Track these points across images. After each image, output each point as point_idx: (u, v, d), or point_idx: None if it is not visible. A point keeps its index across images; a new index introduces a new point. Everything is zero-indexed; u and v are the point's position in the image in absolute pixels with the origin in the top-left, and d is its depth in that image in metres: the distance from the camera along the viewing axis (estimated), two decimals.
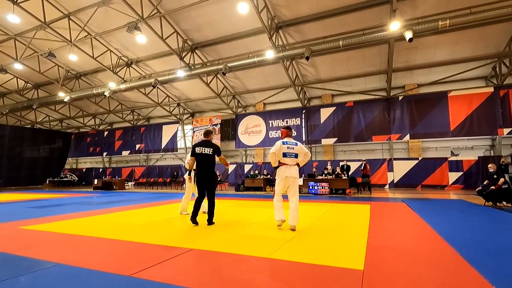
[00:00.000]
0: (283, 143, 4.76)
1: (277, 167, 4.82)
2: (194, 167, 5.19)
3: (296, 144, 4.83)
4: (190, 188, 6.37)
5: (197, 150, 5.04)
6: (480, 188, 7.75)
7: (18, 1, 11.88)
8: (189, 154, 5.35)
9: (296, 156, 4.77)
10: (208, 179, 5.07)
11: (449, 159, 13.56)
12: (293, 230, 4.54)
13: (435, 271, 2.74)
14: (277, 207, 4.80)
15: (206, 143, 5.14)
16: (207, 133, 5.32)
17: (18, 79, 19.33)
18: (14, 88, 20.06)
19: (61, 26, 13.62)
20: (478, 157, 13.15)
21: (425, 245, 3.69)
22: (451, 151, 13.95)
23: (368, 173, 12.69)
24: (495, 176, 7.21)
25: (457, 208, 7.12)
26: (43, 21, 12.95)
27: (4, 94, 21.47)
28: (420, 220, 5.52)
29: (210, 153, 5.03)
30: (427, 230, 4.61)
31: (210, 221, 5.07)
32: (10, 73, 18.26)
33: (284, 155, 4.70)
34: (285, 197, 4.94)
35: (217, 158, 5.34)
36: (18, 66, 17.08)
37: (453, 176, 13.37)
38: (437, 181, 13.61)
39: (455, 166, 13.39)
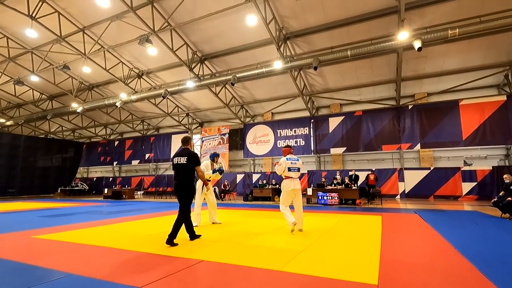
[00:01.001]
0: (287, 159, 5.40)
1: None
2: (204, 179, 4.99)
3: (298, 160, 5.56)
4: (198, 198, 6.31)
5: (174, 161, 4.57)
6: (495, 199, 7.51)
7: (36, 17, 12.40)
8: (202, 164, 5.52)
9: (298, 170, 5.45)
10: (180, 192, 4.46)
11: (462, 169, 13.23)
12: (301, 230, 5.38)
13: (453, 287, 2.65)
14: (287, 213, 5.32)
15: (182, 151, 4.61)
16: (185, 140, 4.77)
17: (34, 91, 19.98)
18: (29, 99, 20.73)
19: (75, 39, 14.11)
20: (493, 167, 12.80)
21: (440, 258, 3.58)
22: (464, 161, 13.62)
23: (371, 183, 12.46)
24: (511, 187, 6.99)
25: (472, 220, 6.90)
26: (59, 35, 13.45)
27: (20, 105, 22.19)
28: (434, 232, 5.36)
29: (185, 162, 4.44)
30: (442, 243, 4.47)
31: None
32: (27, 85, 18.91)
33: (289, 169, 5.34)
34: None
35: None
36: (34, 78, 17.69)
37: (466, 187, 13.02)
38: (450, 192, 13.26)
39: (469, 176, 13.04)
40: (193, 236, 4.67)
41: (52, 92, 20.09)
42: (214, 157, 6.73)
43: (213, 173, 6.38)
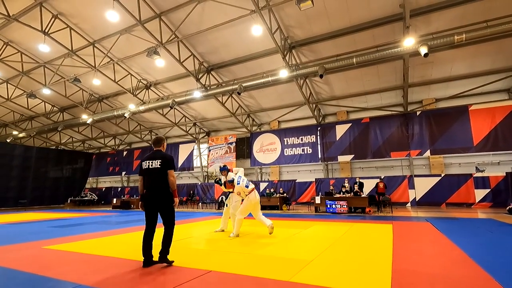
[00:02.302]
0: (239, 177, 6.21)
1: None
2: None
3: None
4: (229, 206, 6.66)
5: (144, 165, 3.90)
6: (511, 206, 7.29)
7: (49, 32, 12.84)
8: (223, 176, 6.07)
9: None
10: (157, 202, 3.80)
11: (474, 176, 12.93)
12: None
13: None
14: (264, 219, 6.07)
15: (154, 154, 3.96)
16: (157, 141, 4.12)
17: (46, 103, 20.51)
18: (41, 111, 21.27)
19: (86, 53, 14.52)
20: (506, 173, 12.47)
21: (456, 269, 3.47)
22: (476, 167, 13.31)
23: (380, 191, 12.26)
24: None
25: (487, 228, 6.70)
26: (70, 49, 13.87)
27: (33, 117, 22.77)
28: (447, 241, 5.22)
29: (158, 166, 3.80)
30: (457, 252, 4.34)
31: (161, 257, 3.72)
32: (39, 98, 19.43)
33: (247, 186, 6.12)
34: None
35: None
36: (46, 91, 18.18)
37: (480, 194, 12.68)
38: (462, 199, 12.93)
39: (482, 182, 12.72)
40: (164, 257, 3.78)
41: (63, 104, 20.58)
42: (225, 170, 6.83)
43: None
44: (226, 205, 6.87)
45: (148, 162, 3.88)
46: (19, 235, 6.78)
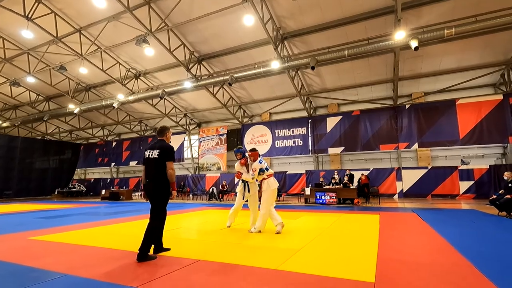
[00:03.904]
0: (260, 162, 5.39)
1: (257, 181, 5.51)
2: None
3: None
4: (239, 199, 5.70)
5: (145, 154, 3.89)
6: (493, 197, 7.54)
7: (32, 17, 12.33)
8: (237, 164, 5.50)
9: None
10: (152, 193, 3.79)
11: (460, 168, 13.29)
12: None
13: (452, 285, 2.65)
14: (275, 213, 5.35)
15: (155, 144, 3.91)
16: (160, 131, 4.03)
17: (30, 92, 19.86)
18: (26, 100, 20.60)
19: (72, 40, 14.05)
20: (490, 165, 12.86)
21: (438, 257, 3.58)
22: (461, 160, 13.68)
23: (363, 182, 12.56)
24: (510, 185, 7.02)
25: (470, 218, 6.93)
26: (55, 36, 13.39)
27: (17, 106, 22.06)
28: (431, 230, 5.37)
29: (156, 156, 3.76)
30: (440, 241, 4.48)
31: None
32: (23, 86, 18.79)
33: (267, 169, 5.42)
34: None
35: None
36: (30, 80, 17.59)
37: (464, 185, 13.07)
38: (447, 191, 13.31)
39: (466, 175, 13.10)
40: (159, 248, 3.86)
41: (49, 93, 19.98)
42: (239, 152, 5.71)
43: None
44: (244, 198, 5.69)
45: (149, 152, 3.85)
46: (4, 227, 6.64)
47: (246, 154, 5.65)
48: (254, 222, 5.49)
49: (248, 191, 5.56)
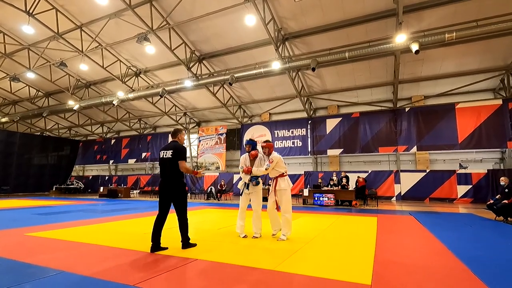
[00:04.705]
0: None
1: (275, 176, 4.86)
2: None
3: None
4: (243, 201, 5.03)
5: (160, 154, 4.15)
6: (490, 202, 7.56)
7: (33, 13, 12.30)
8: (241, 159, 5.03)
9: None
10: (169, 191, 4.01)
11: (458, 172, 13.32)
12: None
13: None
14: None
15: (169, 145, 4.18)
16: (174, 133, 4.30)
17: (30, 88, 19.81)
18: (25, 96, 20.54)
19: (73, 37, 14.02)
20: (488, 170, 12.89)
21: (435, 260, 3.59)
22: (460, 164, 13.71)
23: (360, 184, 12.59)
24: (506, 190, 7.04)
25: (467, 223, 6.95)
26: (56, 32, 13.36)
27: (16, 102, 22.00)
28: (428, 234, 5.39)
29: (170, 156, 4.02)
30: (437, 244, 4.49)
31: (184, 243, 4.03)
32: (23, 81, 18.75)
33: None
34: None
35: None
36: (30, 75, 17.54)
37: (462, 189, 13.09)
38: (445, 194, 13.33)
39: (464, 179, 13.12)
40: (186, 242, 4.11)
41: (49, 89, 19.93)
42: (249, 144, 5.03)
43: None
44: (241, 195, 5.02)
45: (163, 152, 4.12)
46: (1, 222, 6.62)
47: (259, 147, 4.97)
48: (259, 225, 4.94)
49: (247, 188, 4.86)
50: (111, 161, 24.47)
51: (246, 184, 4.89)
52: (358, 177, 13.12)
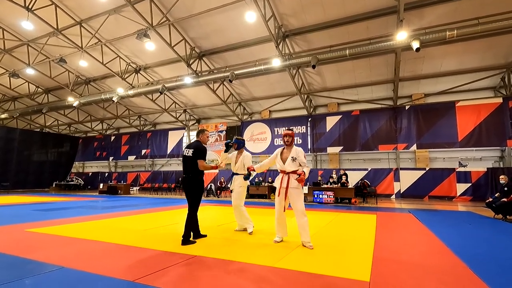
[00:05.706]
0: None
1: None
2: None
3: None
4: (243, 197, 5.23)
5: (184, 152, 4.50)
6: (489, 200, 7.58)
7: (33, 8, 12.23)
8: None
9: None
10: (187, 186, 4.34)
11: (457, 170, 13.33)
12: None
13: (446, 286, 2.67)
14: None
15: (191, 144, 4.55)
16: (197, 133, 4.68)
17: (30, 84, 19.75)
18: (25, 92, 20.49)
19: (72, 33, 13.95)
20: (487, 168, 12.90)
21: (434, 258, 3.60)
22: (459, 162, 13.71)
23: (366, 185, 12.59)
24: (505, 189, 7.06)
25: (466, 220, 6.97)
26: (55, 28, 13.29)
27: (16, 98, 21.94)
28: (428, 231, 5.40)
29: (190, 155, 4.33)
30: (436, 242, 4.51)
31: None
32: (22, 78, 18.68)
33: None
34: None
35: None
36: (30, 71, 17.48)
37: (461, 188, 13.11)
38: (444, 192, 13.35)
39: (464, 177, 13.14)
40: (197, 234, 4.47)
41: (48, 86, 19.87)
42: (236, 143, 5.33)
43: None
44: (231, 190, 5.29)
45: (186, 151, 4.44)
46: (1, 218, 6.64)
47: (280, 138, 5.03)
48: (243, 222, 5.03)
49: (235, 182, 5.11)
50: (110, 158, 24.48)
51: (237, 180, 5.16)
52: (365, 181, 12.88)
